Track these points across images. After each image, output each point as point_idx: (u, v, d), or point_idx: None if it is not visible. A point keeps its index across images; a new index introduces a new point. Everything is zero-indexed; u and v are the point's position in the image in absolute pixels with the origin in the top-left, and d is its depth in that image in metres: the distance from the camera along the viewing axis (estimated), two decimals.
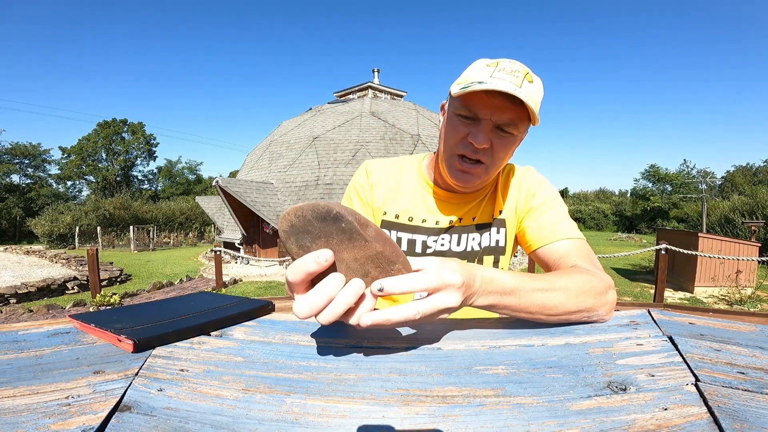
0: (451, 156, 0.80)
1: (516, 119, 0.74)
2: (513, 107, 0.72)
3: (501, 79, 0.70)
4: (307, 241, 0.44)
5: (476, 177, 0.80)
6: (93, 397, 0.38)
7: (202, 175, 42.61)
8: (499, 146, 0.77)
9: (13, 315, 6.11)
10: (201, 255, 15.26)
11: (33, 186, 33.01)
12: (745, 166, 34.48)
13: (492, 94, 0.71)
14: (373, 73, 16.28)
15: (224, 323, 0.58)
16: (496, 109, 0.73)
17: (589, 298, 0.58)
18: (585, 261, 0.74)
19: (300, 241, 0.44)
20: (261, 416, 0.36)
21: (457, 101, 0.76)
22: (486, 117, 0.74)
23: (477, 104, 0.74)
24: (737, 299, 6.76)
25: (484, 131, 0.74)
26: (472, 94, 0.73)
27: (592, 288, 0.59)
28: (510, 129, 0.75)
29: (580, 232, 0.83)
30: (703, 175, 34.62)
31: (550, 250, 0.80)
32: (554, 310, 0.55)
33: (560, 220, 0.83)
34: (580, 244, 0.79)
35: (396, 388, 0.40)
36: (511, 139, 0.77)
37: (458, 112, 0.76)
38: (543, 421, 0.35)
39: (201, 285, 8.80)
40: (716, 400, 0.36)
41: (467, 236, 0.90)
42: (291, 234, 0.44)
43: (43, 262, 13.12)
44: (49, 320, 0.61)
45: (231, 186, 10.85)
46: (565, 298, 0.56)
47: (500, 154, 0.78)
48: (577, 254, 0.76)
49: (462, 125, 0.77)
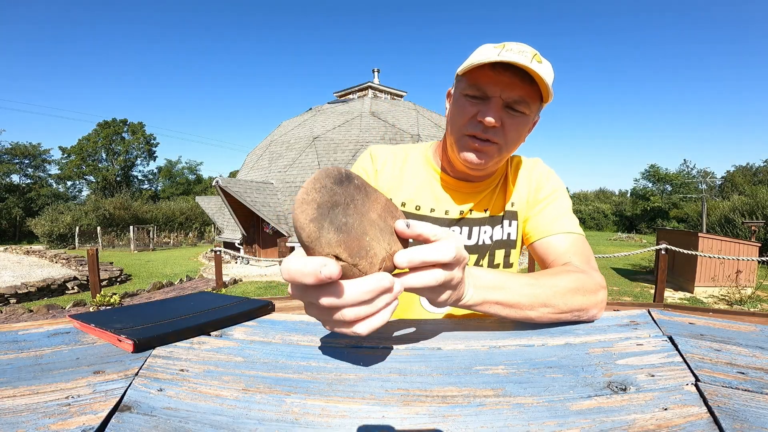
0: (460, 137, 0.76)
1: (527, 97, 0.71)
2: (523, 84, 0.69)
3: (509, 57, 0.67)
4: (341, 215, 0.37)
5: (489, 156, 0.75)
6: (93, 397, 0.38)
7: (202, 175, 42.67)
8: (510, 126, 0.73)
9: (13, 315, 6.11)
10: (201, 255, 15.26)
11: (33, 186, 33.03)
12: (745, 166, 34.49)
13: (500, 70, 0.69)
14: (373, 73, 16.29)
15: (224, 323, 0.58)
16: (505, 86, 0.70)
17: (579, 297, 0.57)
18: (579, 259, 0.73)
19: (336, 221, 0.36)
20: (261, 416, 0.36)
21: (463, 81, 0.74)
22: (495, 94, 0.71)
23: (485, 81, 0.70)
24: (737, 299, 6.76)
25: (494, 109, 0.71)
26: (479, 72, 0.70)
27: (582, 286, 0.59)
28: (521, 107, 0.72)
29: (580, 228, 0.81)
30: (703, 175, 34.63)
31: (546, 244, 0.79)
32: (546, 308, 0.54)
33: (561, 215, 0.82)
34: (577, 241, 0.78)
35: (396, 388, 0.40)
36: (522, 119, 0.73)
37: (465, 92, 0.73)
38: (543, 421, 0.35)
39: (201, 285, 8.80)
40: (716, 400, 0.36)
41: (479, 229, 0.87)
42: (323, 217, 0.35)
43: (43, 262, 13.12)
44: (49, 320, 0.61)
45: (231, 186, 10.85)
46: (554, 295, 0.55)
47: (512, 135, 0.74)
48: (572, 251, 0.75)
49: (470, 105, 0.73)
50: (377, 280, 0.37)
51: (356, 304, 0.37)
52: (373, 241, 0.39)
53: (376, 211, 0.40)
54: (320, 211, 0.35)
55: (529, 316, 0.54)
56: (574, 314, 0.57)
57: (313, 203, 0.35)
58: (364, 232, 0.38)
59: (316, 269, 0.34)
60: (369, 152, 0.93)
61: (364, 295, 0.37)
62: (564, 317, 0.56)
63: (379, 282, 0.37)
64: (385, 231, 0.41)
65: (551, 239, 0.79)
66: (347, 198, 0.37)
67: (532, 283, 0.55)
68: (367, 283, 0.37)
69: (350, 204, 0.37)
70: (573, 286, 0.58)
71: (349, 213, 0.37)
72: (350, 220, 0.37)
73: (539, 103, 0.74)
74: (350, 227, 0.37)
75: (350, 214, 0.37)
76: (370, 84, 15.73)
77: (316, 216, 0.35)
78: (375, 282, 0.37)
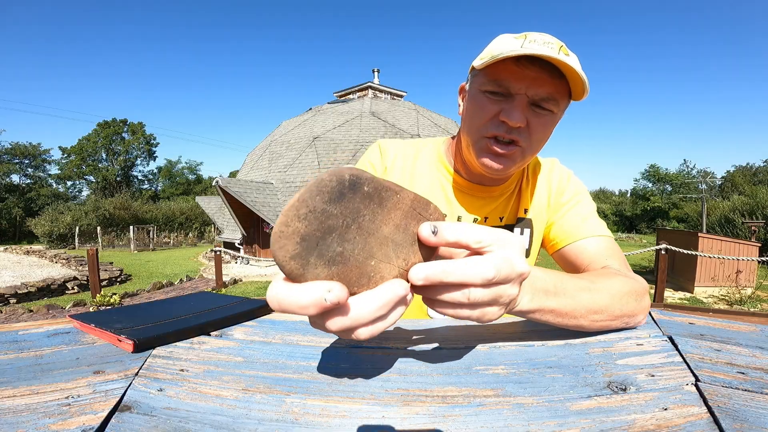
0: (479, 138, 0.69)
1: (555, 93, 0.64)
2: (551, 79, 0.62)
3: (534, 49, 0.59)
4: (335, 244, 0.29)
5: (512, 161, 0.68)
6: (93, 397, 0.38)
7: (202, 175, 42.63)
8: (536, 126, 0.66)
9: (13, 315, 6.11)
10: (201, 255, 15.26)
11: (33, 186, 33.03)
12: (745, 166, 34.48)
13: (526, 64, 0.62)
14: (373, 73, 16.29)
15: (224, 323, 0.58)
16: (531, 82, 0.62)
17: (632, 302, 0.53)
18: (617, 261, 0.69)
19: (328, 253, 0.28)
20: (261, 416, 0.36)
21: (482, 76, 0.67)
22: (520, 91, 0.63)
23: (508, 76, 0.63)
24: (737, 299, 6.76)
25: (518, 107, 0.64)
26: (501, 66, 0.63)
27: (633, 291, 0.54)
28: (549, 105, 0.64)
29: (608, 230, 0.77)
30: (703, 175, 34.64)
31: (577, 248, 0.73)
32: (600, 315, 0.49)
33: (587, 217, 0.77)
34: (610, 243, 0.73)
35: (396, 388, 0.40)
36: (550, 118, 0.66)
37: (485, 88, 0.66)
38: (543, 421, 0.35)
39: (201, 285, 8.80)
40: (716, 400, 0.36)
41: None
42: (308, 252, 0.28)
43: (43, 262, 13.12)
44: (49, 320, 0.61)
45: (231, 186, 10.85)
46: (610, 301, 0.50)
47: (538, 136, 0.67)
48: (607, 254, 0.71)
49: (490, 103, 0.66)
50: (391, 290, 0.31)
51: (370, 322, 0.31)
52: (381, 263, 0.31)
53: (394, 220, 0.31)
54: (305, 245, 0.27)
55: (580, 324, 0.49)
56: (623, 320, 0.52)
57: (295, 236, 0.27)
58: (369, 256, 0.31)
59: (318, 299, 0.28)
60: (378, 145, 0.86)
61: (379, 311, 0.30)
62: (614, 324, 0.52)
63: (394, 292, 0.31)
64: (405, 243, 0.32)
65: (582, 243, 0.74)
66: (348, 217, 0.29)
67: (589, 287, 0.50)
68: (380, 297, 0.30)
69: (352, 225, 0.29)
70: (626, 289, 0.54)
71: (348, 238, 0.29)
72: (349, 247, 0.29)
73: (568, 99, 0.67)
74: (348, 256, 0.29)
75: (350, 239, 0.29)
76: (370, 84, 15.73)
77: (299, 252, 0.27)
78: (390, 293, 0.31)
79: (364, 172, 0.29)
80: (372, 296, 0.30)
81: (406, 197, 0.32)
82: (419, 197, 0.33)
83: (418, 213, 0.33)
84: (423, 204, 0.33)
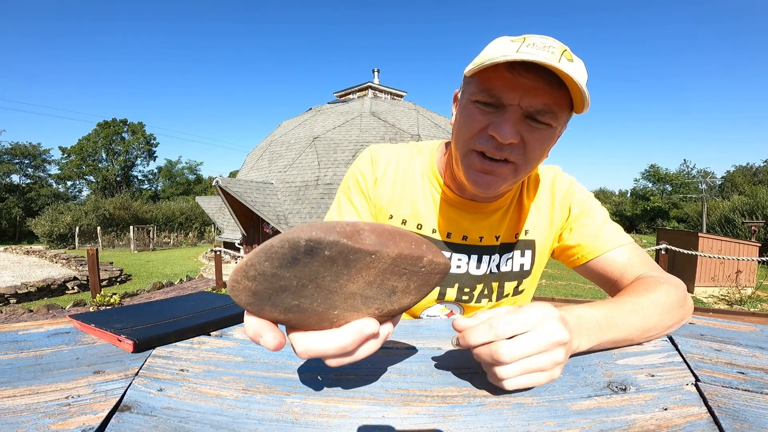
0: (467, 153, 0.62)
1: (552, 105, 0.56)
2: (548, 89, 0.55)
3: (531, 54, 0.52)
4: (290, 299, 0.30)
5: (501, 179, 0.62)
6: (93, 397, 0.38)
7: (202, 175, 42.69)
8: (532, 142, 0.58)
9: (13, 315, 6.11)
10: (201, 255, 15.26)
11: (33, 186, 33.06)
12: (745, 166, 34.53)
13: (520, 71, 0.54)
14: (373, 73, 16.29)
15: (224, 323, 0.58)
16: (526, 92, 0.55)
17: (678, 310, 0.54)
18: (650, 267, 0.67)
19: (283, 304, 0.30)
20: (261, 416, 0.36)
21: (473, 84, 0.59)
22: (513, 102, 0.56)
23: (500, 85, 0.56)
24: (737, 299, 6.76)
25: (510, 121, 0.56)
26: (492, 73, 0.56)
27: (677, 299, 0.55)
28: (545, 118, 0.57)
29: (627, 235, 0.74)
30: (703, 175, 34.68)
31: (605, 262, 0.71)
32: (653, 330, 0.50)
33: (604, 226, 0.73)
34: (636, 249, 0.71)
35: (396, 388, 0.40)
36: (547, 133, 0.59)
37: (475, 97, 0.59)
38: (543, 421, 0.35)
39: (201, 285, 8.80)
40: (716, 400, 0.36)
41: (488, 258, 0.76)
42: (262, 302, 0.29)
43: (43, 262, 13.12)
44: (49, 320, 0.61)
45: (231, 186, 10.85)
46: (660, 317, 0.51)
47: (535, 153, 0.60)
48: (638, 262, 0.69)
49: (480, 114, 0.59)
50: (356, 330, 0.32)
51: (335, 356, 0.33)
52: (346, 312, 0.32)
53: (366, 278, 0.31)
54: (257, 298, 0.29)
55: (637, 343, 0.50)
56: (673, 328, 0.53)
57: (246, 291, 0.29)
58: (330, 308, 0.31)
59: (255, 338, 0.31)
60: (369, 154, 0.80)
61: (344, 349, 0.32)
62: (667, 333, 0.53)
63: (359, 333, 0.32)
64: (379, 296, 0.33)
65: (609, 256, 0.70)
66: (304, 279, 0.29)
67: (637, 309, 0.50)
68: (343, 337, 0.32)
69: (309, 285, 0.29)
70: (671, 300, 0.54)
71: (305, 294, 0.30)
72: (306, 301, 0.30)
73: (569, 111, 0.59)
74: (306, 308, 0.31)
75: (307, 295, 0.30)
76: (370, 84, 15.73)
77: (253, 302, 0.29)
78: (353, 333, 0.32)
79: (328, 235, 0.27)
80: (334, 335, 0.32)
81: (384, 257, 0.30)
82: (405, 255, 0.31)
83: (402, 269, 0.32)
84: (412, 259, 0.32)
